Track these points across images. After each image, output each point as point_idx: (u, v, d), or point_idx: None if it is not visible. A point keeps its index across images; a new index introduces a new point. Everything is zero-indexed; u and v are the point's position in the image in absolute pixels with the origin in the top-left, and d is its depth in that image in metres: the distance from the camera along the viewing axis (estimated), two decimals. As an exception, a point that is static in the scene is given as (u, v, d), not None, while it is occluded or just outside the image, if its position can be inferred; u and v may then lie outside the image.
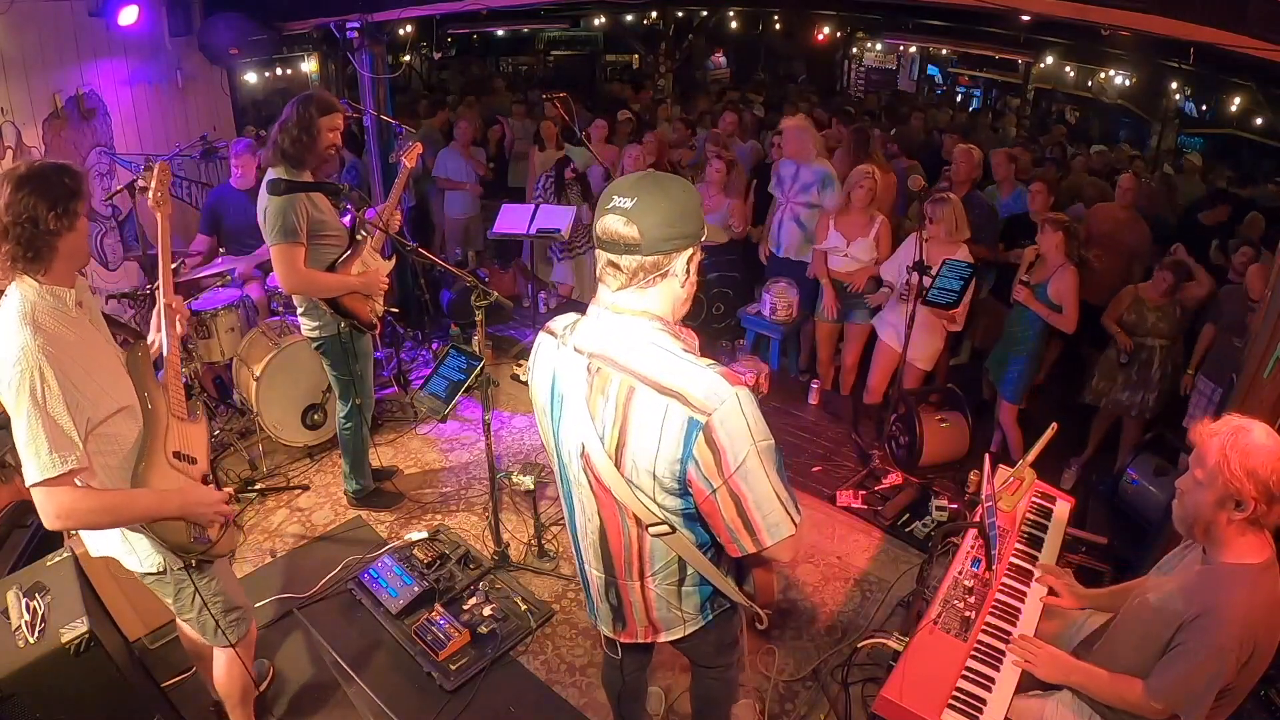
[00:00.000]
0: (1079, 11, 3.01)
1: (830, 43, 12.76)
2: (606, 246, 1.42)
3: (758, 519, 1.43)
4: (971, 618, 2.13)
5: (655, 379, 1.40)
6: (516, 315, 5.64)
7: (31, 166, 1.74)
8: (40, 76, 4.21)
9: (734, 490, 1.40)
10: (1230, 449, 1.66)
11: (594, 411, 1.48)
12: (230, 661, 2.20)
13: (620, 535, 1.61)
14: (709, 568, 1.61)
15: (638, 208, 1.37)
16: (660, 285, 1.45)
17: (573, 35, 14.26)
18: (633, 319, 1.45)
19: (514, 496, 3.67)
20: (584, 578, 1.82)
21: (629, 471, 1.47)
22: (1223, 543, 1.75)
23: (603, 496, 1.56)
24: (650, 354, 1.43)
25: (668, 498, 1.49)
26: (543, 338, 1.62)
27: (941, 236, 3.72)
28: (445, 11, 4.79)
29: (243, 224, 4.30)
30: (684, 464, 1.41)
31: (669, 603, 1.70)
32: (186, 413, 2.04)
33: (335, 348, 3.16)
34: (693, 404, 1.36)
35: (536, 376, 1.63)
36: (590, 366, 1.48)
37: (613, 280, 1.45)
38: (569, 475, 1.63)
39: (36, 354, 1.66)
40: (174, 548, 1.89)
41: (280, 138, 2.83)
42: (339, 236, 3.07)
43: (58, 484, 1.66)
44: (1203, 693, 1.71)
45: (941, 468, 3.83)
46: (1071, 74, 11.27)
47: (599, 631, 1.90)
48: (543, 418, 1.64)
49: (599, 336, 1.48)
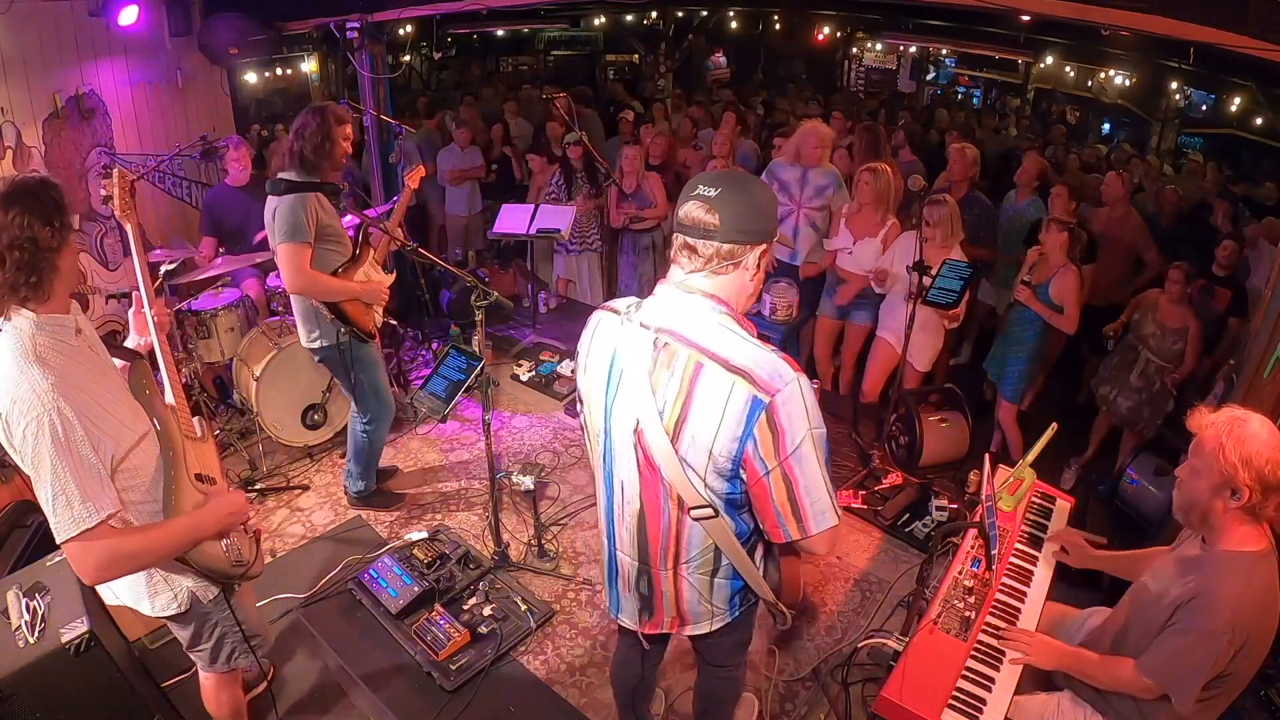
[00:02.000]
0: (1079, 11, 3.02)
1: (830, 43, 12.76)
2: (686, 230, 1.49)
3: (806, 505, 1.47)
4: (971, 618, 2.13)
5: (724, 356, 1.45)
6: (516, 315, 5.64)
7: (13, 183, 1.59)
8: (40, 76, 4.21)
9: (788, 473, 1.45)
10: (1226, 437, 1.68)
11: (656, 386, 1.51)
12: (220, 685, 2.16)
13: (660, 519, 1.63)
14: (744, 559, 1.64)
15: (720, 198, 1.44)
16: (731, 274, 1.50)
17: (573, 35, 14.25)
18: (702, 299, 1.50)
19: (514, 496, 3.67)
20: (612, 567, 1.82)
21: (684, 449, 1.50)
22: (1220, 531, 1.77)
23: (648, 476, 1.59)
24: (718, 333, 1.48)
25: (717, 479, 1.52)
26: (602, 315, 1.65)
27: (939, 240, 3.72)
28: (445, 11, 4.80)
29: (242, 222, 4.31)
30: (743, 442, 1.44)
31: (700, 594, 1.72)
32: (196, 431, 1.94)
33: (334, 356, 3.17)
34: (758, 384, 1.41)
35: (593, 354, 1.65)
36: (657, 341, 1.52)
37: (687, 262, 1.51)
38: (614, 455, 1.65)
39: (52, 395, 1.51)
40: (216, 575, 1.80)
41: (301, 145, 2.88)
42: (344, 244, 3.11)
43: (95, 535, 1.51)
44: (1192, 674, 1.72)
45: (941, 468, 3.83)
46: (1071, 74, 11.27)
47: (619, 625, 1.90)
48: (595, 395, 1.66)
49: (667, 313, 1.53)
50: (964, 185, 4.57)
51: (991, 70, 12.91)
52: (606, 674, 2.78)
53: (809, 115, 7.14)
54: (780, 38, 12.94)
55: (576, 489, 3.82)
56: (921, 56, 13.40)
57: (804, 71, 13.34)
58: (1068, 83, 11.63)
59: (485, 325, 2.85)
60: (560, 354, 5.05)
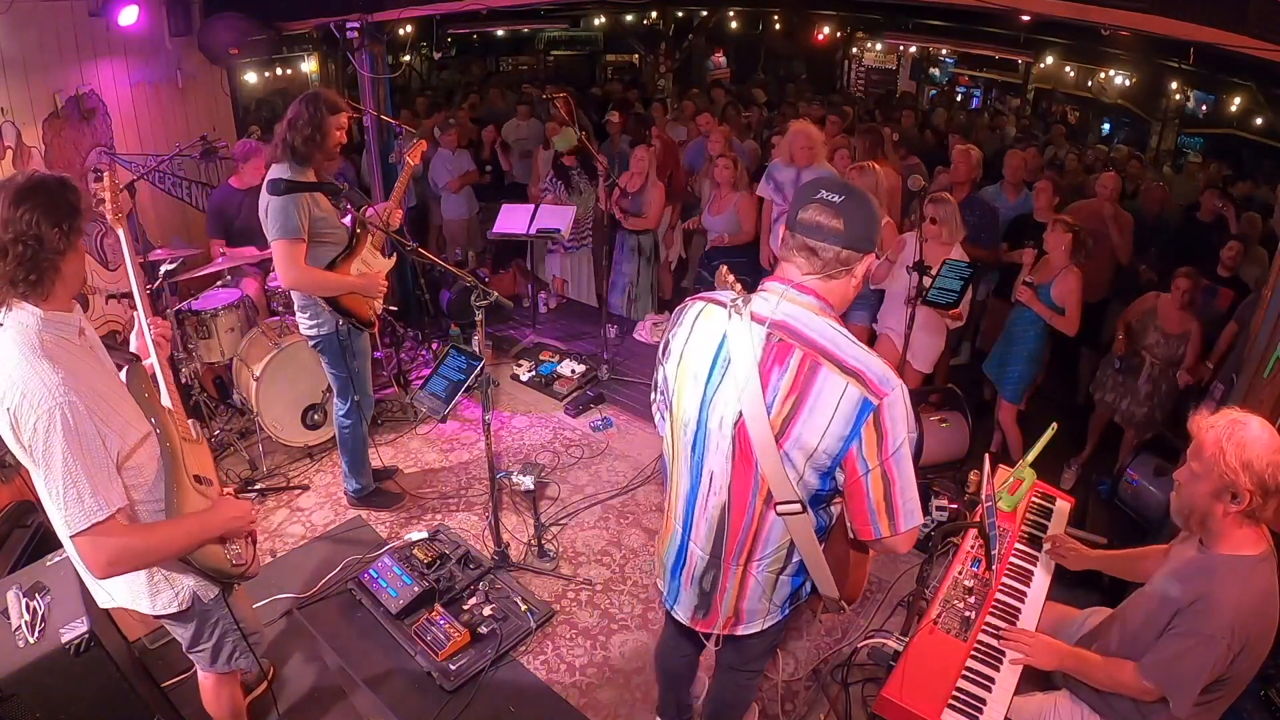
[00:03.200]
0: (1079, 11, 3.01)
1: (830, 43, 12.75)
2: (809, 231, 1.51)
3: (900, 503, 1.52)
4: (971, 618, 2.13)
5: (840, 356, 1.49)
6: (516, 315, 5.64)
7: (31, 179, 1.59)
8: (40, 76, 4.21)
9: (887, 472, 1.50)
10: (1226, 441, 1.68)
11: (767, 380, 1.52)
12: (220, 685, 2.17)
13: (745, 513, 1.65)
14: (817, 554, 1.66)
15: (845, 205, 1.48)
16: (842, 280, 1.55)
17: (573, 35, 14.23)
18: (814, 299, 1.55)
19: (514, 496, 3.67)
20: (680, 558, 1.83)
21: (789, 444, 1.52)
22: (1219, 534, 1.77)
23: (741, 468, 1.61)
24: (831, 334, 1.52)
25: (813, 476, 1.55)
26: (704, 305, 1.66)
27: (942, 237, 3.72)
28: (445, 11, 4.79)
29: (252, 222, 4.29)
30: (848, 441, 1.48)
31: (764, 590, 1.75)
32: (191, 433, 1.95)
33: (333, 345, 3.16)
34: (870, 386, 1.46)
35: (694, 343, 1.65)
36: (770, 336, 1.53)
37: (805, 263, 1.54)
38: (707, 445, 1.66)
39: (63, 389, 1.51)
40: (216, 574, 1.83)
41: (290, 136, 2.85)
42: (339, 235, 3.07)
43: (105, 528, 1.53)
44: (1191, 677, 1.72)
45: (941, 468, 3.82)
46: (1071, 74, 11.26)
47: (677, 617, 1.91)
48: (691, 385, 1.65)
49: (782, 309, 1.55)
50: (966, 186, 4.57)
51: (991, 70, 12.89)
52: (606, 674, 2.78)
53: (810, 115, 7.12)
54: (780, 38, 12.92)
55: (576, 489, 3.82)
56: (921, 56, 13.39)
57: (804, 71, 13.32)
58: (1068, 83, 11.62)
59: (485, 325, 2.85)
60: (560, 354, 5.05)
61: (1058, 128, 8.83)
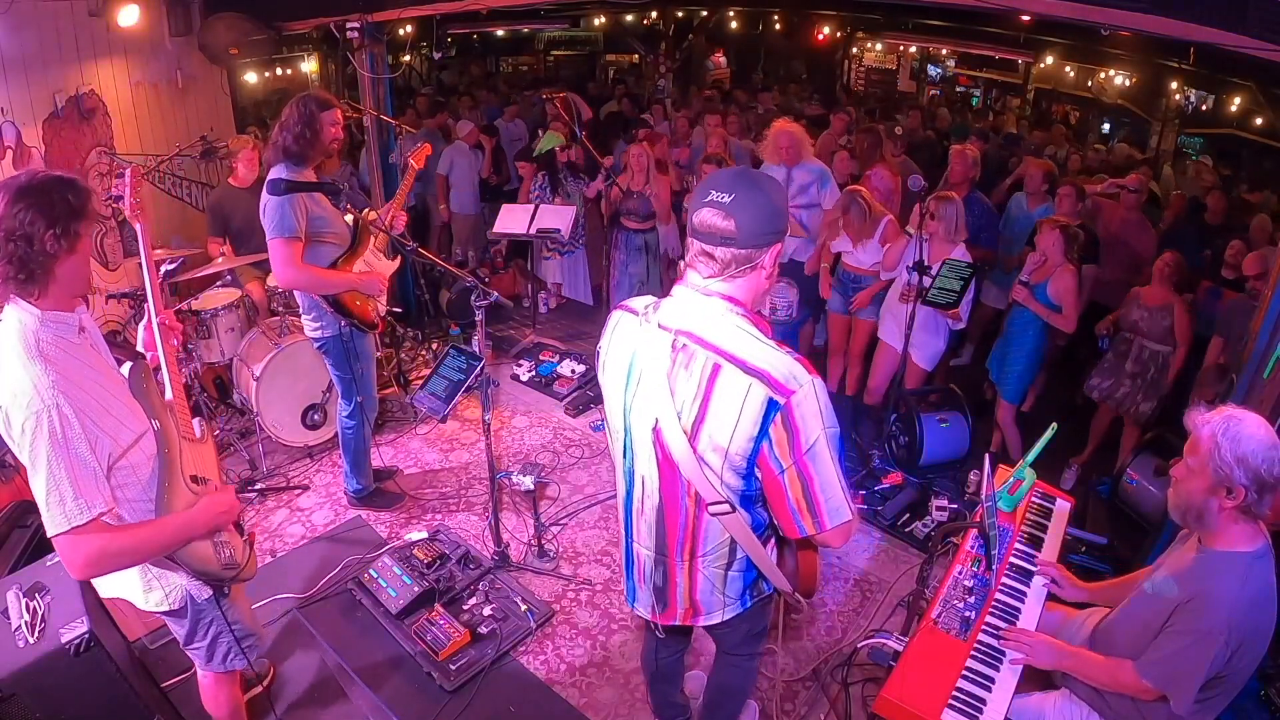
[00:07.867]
0: (1079, 11, 3.01)
1: (830, 43, 12.75)
2: (702, 237, 1.50)
3: (821, 501, 1.50)
4: (971, 618, 2.13)
5: (741, 358, 1.47)
6: (516, 315, 5.64)
7: (34, 178, 1.57)
8: (40, 76, 4.21)
9: (803, 471, 1.48)
10: (1222, 436, 1.68)
11: (675, 386, 1.53)
12: (219, 684, 2.17)
13: (678, 513, 1.66)
14: (759, 551, 1.67)
15: (735, 203, 1.44)
16: (748, 276, 1.52)
17: (573, 35, 14.23)
18: (719, 301, 1.53)
19: (514, 496, 3.67)
20: (629, 558, 1.86)
21: (702, 448, 1.53)
22: (1215, 530, 1.77)
23: (667, 473, 1.62)
24: (735, 335, 1.50)
25: (733, 477, 1.54)
26: (621, 316, 1.68)
27: (941, 235, 3.73)
28: (445, 11, 4.78)
29: (251, 221, 4.29)
30: (758, 442, 1.48)
31: (714, 585, 1.75)
32: (194, 432, 1.93)
33: (337, 347, 3.17)
34: (774, 385, 1.44)
35: (612, 354, 1.67)
36: (675, 343, 1.54)
37: (704, 268, 1.53)
38: (635, 451, 1.67)
39: (52, 391, 1.51)
40: (208, 576, 1.82)
41: (283, 136, 2.85)
42: (340, 235, 3.08)
43: (85, 531, 1.52)
44: (1190, 675, 1.72)
45: (941, 468, 3.83)
46: (1071, 74, 11.25)
47: (640, 617, 1.95)
48: (614, 393, 1.68)
49: (685, 316, 1.55)
50: (964, 186, 4.57)
51: (991, 70, 12.88)
52: (606, 674, 2.79)
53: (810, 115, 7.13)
54: (780, 38, 12.93)
55: (576, 489, 3.82)
56: (921, 56, 13.38)
57: (804, 71, 13.32)
58: (1068, 83, 11.61)
59: (485, 325, 2.85)
60: (560, 354, 5.05)
61: (1058, 128, 8.83)
